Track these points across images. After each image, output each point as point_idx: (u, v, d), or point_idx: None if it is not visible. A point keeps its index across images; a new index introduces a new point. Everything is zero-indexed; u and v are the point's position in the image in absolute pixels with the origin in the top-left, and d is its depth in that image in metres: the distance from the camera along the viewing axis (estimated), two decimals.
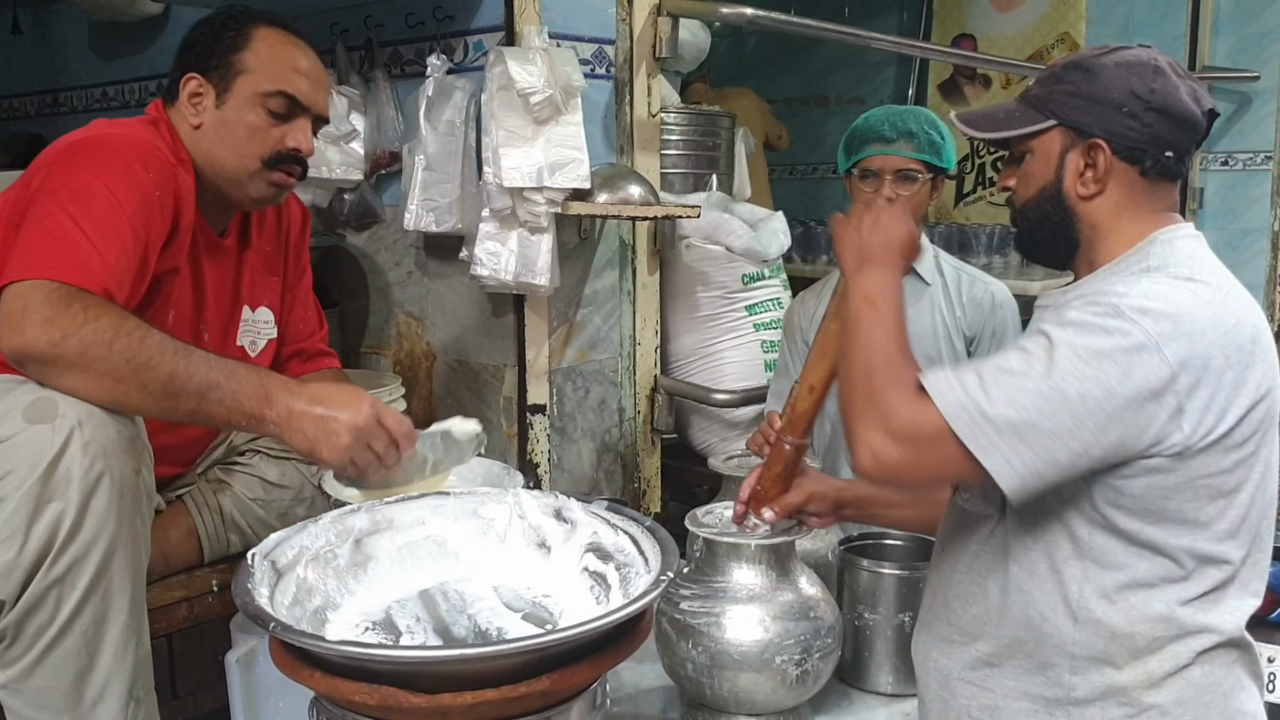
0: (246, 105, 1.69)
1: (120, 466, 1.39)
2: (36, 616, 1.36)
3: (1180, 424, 1.20)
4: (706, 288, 2.86)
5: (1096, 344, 1.19)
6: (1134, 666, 1.27)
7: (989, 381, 1.21)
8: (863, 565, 1.88)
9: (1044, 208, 1.37)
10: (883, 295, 1.34)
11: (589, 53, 2.51)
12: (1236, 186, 4.31)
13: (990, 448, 1.19)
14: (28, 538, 1.34)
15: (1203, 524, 1.24)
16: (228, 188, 1.73)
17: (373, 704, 1.08)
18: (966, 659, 1.37)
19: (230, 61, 1.69)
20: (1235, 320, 1.24)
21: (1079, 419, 1.18)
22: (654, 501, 2.81)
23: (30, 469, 1.34)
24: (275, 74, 1.70)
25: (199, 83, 1.69)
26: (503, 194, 2.25)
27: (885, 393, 1.24)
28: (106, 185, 1.51)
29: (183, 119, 1.71)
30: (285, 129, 1.71)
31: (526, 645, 1.08)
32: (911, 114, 2.18)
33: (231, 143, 1.69)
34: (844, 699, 1.88)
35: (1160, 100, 1.30)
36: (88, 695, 1.39)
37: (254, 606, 1.15)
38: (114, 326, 1.38)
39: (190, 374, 1.41)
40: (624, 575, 1.32)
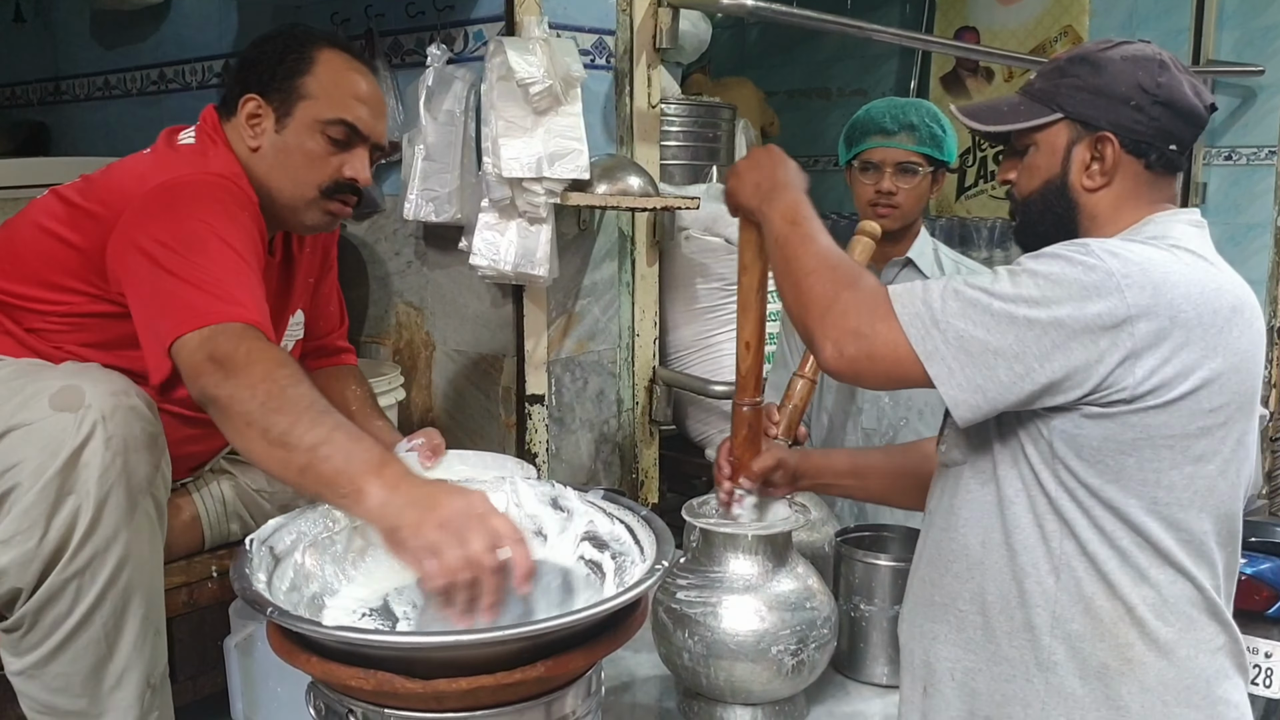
0: (307, 132, 1.65)
1: (141, 463, 1.40)
2: (55, 607, 1.37)
3: (1133, 370, 1.20)
4: (705, 279, 2.87)
5: (1058, 272, 1.22)
6: (1113, 634, 1.27)
7: (949, 295, 1.24)
8: (859, 557, 1.88)
9: (1048, 200, 1.38)
10: (800, 212, 1.39)
11: (589, 43, 2.51)
12: (1240, 181, 4.30)
13: (936, 355, 1.22)
14: (48, 529, 1.35)
15: (1164, 487, 1.25)
16: (282, 213, 1.71)
17: (369, 689, 1.09)
18: (950, 620, 1.38)
19: (293, 86, 1.65)
20: (1215, 286, 1.25)
21: (1024, 340, 1.20)
22: (651, 492, 2.82)
23: (51, 457, 1.35)
24: (337, 101, 1.66)
25: (258, 104, 1.66)
26: (502, 184, 2.25)
27: (841, 296, 1.28)
28: (218, 233, 1.46)
29: (239, 138, 1.68)
30: (344, 158, 1.67)
31: (522, 632, 1.09)
32: (913, 106, 2.17)
33: (290, 169, 1.66)
34: (840, 690, 1.89)
35: (1166, 94, 1.32)
36: (106, 682, 1.41)
37: (252, 592, 1.16)
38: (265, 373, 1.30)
39: (312, 426, 1.26)
40: (620, 564, 1.33)
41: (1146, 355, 1.20)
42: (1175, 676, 1.27)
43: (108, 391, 1.39)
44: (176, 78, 3.32)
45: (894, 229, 2.17)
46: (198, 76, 3.24)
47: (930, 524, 1.45)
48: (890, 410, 2.22)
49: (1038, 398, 1.23)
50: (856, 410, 2.25)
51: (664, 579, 1.64)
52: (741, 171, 1.51)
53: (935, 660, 1.40)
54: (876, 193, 2.15)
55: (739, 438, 1.67)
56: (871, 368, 1.27)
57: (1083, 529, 1.26)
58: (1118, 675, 1.27)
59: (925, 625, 1.42)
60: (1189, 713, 1.27)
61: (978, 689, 1.35)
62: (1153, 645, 1.27)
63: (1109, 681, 1.27)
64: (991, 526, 1.33)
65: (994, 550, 1.33)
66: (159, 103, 3.36)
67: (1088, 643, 1.28)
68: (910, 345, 1.23)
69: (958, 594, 1.37)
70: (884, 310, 1.26)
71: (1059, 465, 1.26)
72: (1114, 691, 1.27)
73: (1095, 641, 1.27)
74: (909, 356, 1.24)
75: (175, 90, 3.32)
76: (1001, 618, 1.33)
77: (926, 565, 1.44)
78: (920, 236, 2.22)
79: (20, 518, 1.35)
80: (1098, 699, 1.27)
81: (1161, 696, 1.27)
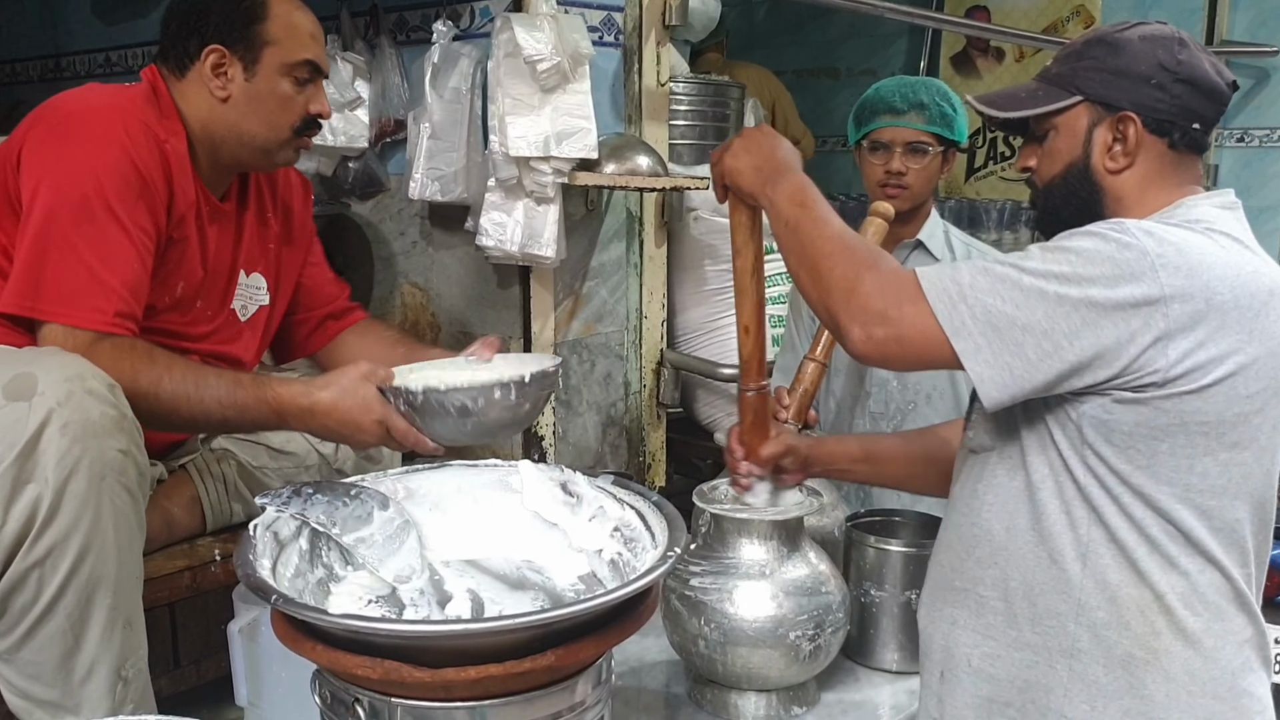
0: (276, 76, 1.69)
1: (102, 448, 1.37)
2: (20, 595, 1.35)
3: (1166, 352, 1.18)
4: (714, 261, 2.84)
5: (1091, 248, 1.20)
6: (1139, 622, 1.25)
7: (978, 273, 1.22)
8: (870, 542, 1.86)
9: (1071, 184, 1.36)
10: (807, 194, 1.36)
11: (597, 20, 2.48)
12: (1252, 163, 4.26)
13: (963, 331, 1.20)
14: (6, 519, 1.33)
15: (1198, 474, 1.23)
16: (254, 155, 1.74)
17: (375, 678, 1.07)
18: (970, 606, 1.37)
19: (255, 33, 1.67)
20: (1252, 269, 1.23)
21: (1053, 317, 1.18)
22: (659, 475, 2.80)
23: (8, 448, 1.33)
24: (299, 42, 1.70)
25: (222, 54, 1.67)
26: (509, 163, 2.23)
27: (864, 278, 1.25)
28: (109, 198, 1.53)
29: (198, 91, 1.68)
30: (309, 94, 1.73)
31: (531, 620, 1.07)
32: (923, 85, 2.14)
33: (264, 114, 1.70)
34: (850, 675, 1.87)
35: (1188, 72, 1.30)
36: (75, 674, 1.39)
37: (256, 579, 1.14)
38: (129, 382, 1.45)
39: (208, 415, 1.52)
40: (631, 550, 1.31)
41: (1180, 338, 1.18)
42: (1201, 667, 1.25)
43: (61, 377, 1.36)
44: None
45: (904, 209, 2.13)
46: None
47: (953, 509, 1.43)
48: (898, 394, 2.19)
49: (1065, 379, 1.21)
50: (864, 394, 2.23)
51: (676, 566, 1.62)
52: (738, 154, 1.46)
53: (954, 645, 1.38)
54: (886, 173, 2.11)
55: (745, 423, 1.66)
56: (900, 350, 1.25)
57: (1111, 516, 1.24)
58: (1143, 664, 1.25)
59: (945, 610, 1.40)
60: (1213, 704, 1.25)
61: (997, 675, 1.33)
62: (1179, 635, 1.25)
63: (1133, 670, 1.25)
64: (1018, 512, 1.31)
65: (1019, 536, 1.31)
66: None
67: (1113, 630, 1.26)
68: (938, 324, 1.21)
69: (979, 579, 1.35)
70: (910, 292, 1.23)
71: (1089, 451, 1.24)
72: (1138, 680, 1.25)
73: (1121, 629, 1.25)
74: (937, 336, 1.21)
75: None
76: (1024, 604, 1.31)
77: (947, 551, 1.42)
78: (930, 218, 2.19)
79: None
80: (1121, 687, 1.26)
81: (1186, 687, 1.25)
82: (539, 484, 1.43)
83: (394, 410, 1.49)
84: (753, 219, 1.54)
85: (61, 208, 1.51)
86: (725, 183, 1.50)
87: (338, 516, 1.30)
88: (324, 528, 1.28)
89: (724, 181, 1.50)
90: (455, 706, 1.09)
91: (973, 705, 1.36)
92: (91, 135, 1.56)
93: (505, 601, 1.28)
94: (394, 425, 1.49)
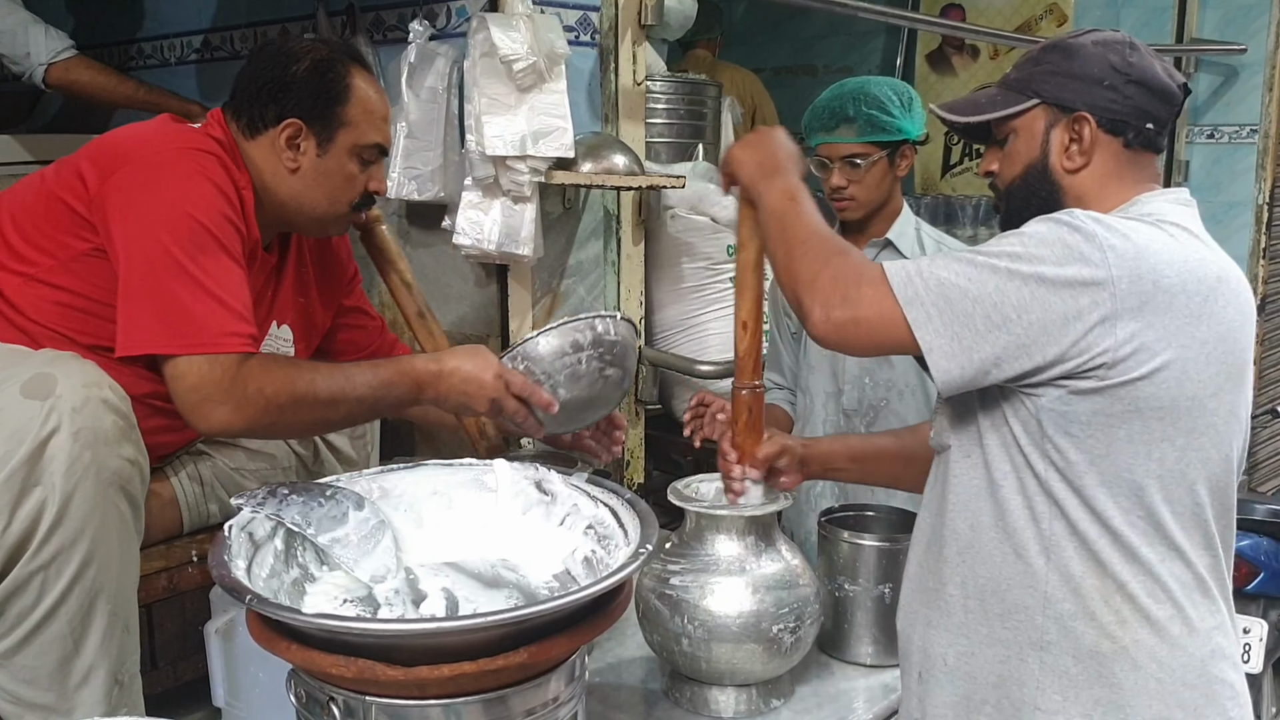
0: (346, 156, 1.71)
1: (110, 456, 1.38)
2: (20, 600, 1.35)
3: (1114, 331, 1.21)
4: (691, 259, 2.85)
5: (1043, 231, 1.25)
6: (1105, 612, 1.28)
7: (937, 255, 1.30)
8: (843, 537, 1.88)
9: (1031, 184, 1.40)
10: (799, 192, 1.46)
11: (573, 19, 2.48)
12: (1222, 160, 4.30)
13: (916, 301, 1.25)
14: (11, 520, 1.33)
15: (1156, 459, 1.25)
16: (306, 224, 1.77)
17: (350, 676, 1.08)
18: (942, 605, 1.39)
19: (334, 114, 1.69)
20: (1199, 257, 1.27)
21: (1004, 290, 1.23)
22: (637, 472, 2.81)
23: (17, 445, 1.33)
24: (373, 126, 1.73)
25: (298, 129, 1.68)
26: (486, 162, 2.23)
27: (831, 262, 1.32)
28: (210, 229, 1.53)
29: (267, 156, 1.69)
30: (370, 173, 1.76)
31: (504, 618, 1.09)
32: (850, 96, 2.13)
33: (328, 189, 1.72)
34: (824, 670, 1.89)
35: (1139, 73, 1.35)
36: (72, 678, 1.39)
37: (230, 579, 1.15)
38: (288, 390, 1.51)
39: (361, 401, 1.59)
40: (604, 548, 1.32)
41: (1127, 319, 1.21)
42: (1168, 655, 1.28)
43: (80, 383, 1.37)
44: (155, 53, 3.27)
45: (857, 218, 2.17)
46: (176, 52, 3.19)
47: (924, 510, 1.45)
48: (870, 391, 2.21)
49: (1013, 356, 1.24)
50: (837, 391, 2.25)
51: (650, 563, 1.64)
52: (744, 147, 1.56)
53: (930, 646, 1.40)
54: (830, 188, 2.15)
55: (739, 424, 1.66)
56: (857, 331, 1.29)
57: (1073, 509, 1.27)
58: (1111, 654, 1.27)
59: (920, 611, 1.42)
60: (1183, 691, 1.28)
61: (973, 672, 1.35)
62: (1145, 623, 1.27)
63: (1102, 660, 1.28)
64: (981, 510, 1.33)
65: (984, 533, 1.33)
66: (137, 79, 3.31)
67: (1080, 622, 1.28)
68: (895, 301, 1.25)
69: (949, 578, 1.37)
70: (871, 276, 1.28)
71: (1048, 445, 1.27)
72: (1107, 669, 1.27)
73: (1087, 620, 1.28)
74: (893, 315, 1.26)
75: (154, 66, 3.27)
76: (993, 600, 1.33)
77: (920, 551, 1.44)
78: (901, 216, 2.20)
79: None
80: (1091, 677, 1.28)
81: (1155, 675, 1.27)
82: (513, 482, 1.45)
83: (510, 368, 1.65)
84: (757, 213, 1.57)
85: (175, 244, 1.50)
86: (729, 172, 1.58)
87: (313, 517, 1.30)
88: (299, 528, 1.29)
89: (728, 170, 1.58)
90: (429, 704, 1.10)
91: (952, 704, 1.38)
92: (188, 173, 1.56)
93: (480, 600, 1.29)
94: (512, 379, 1.64)
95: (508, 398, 1.64)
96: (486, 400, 1.63)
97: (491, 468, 1.47)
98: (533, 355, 1.67)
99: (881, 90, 2.14)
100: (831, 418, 2.25)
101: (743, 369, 1.64)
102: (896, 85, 2.17)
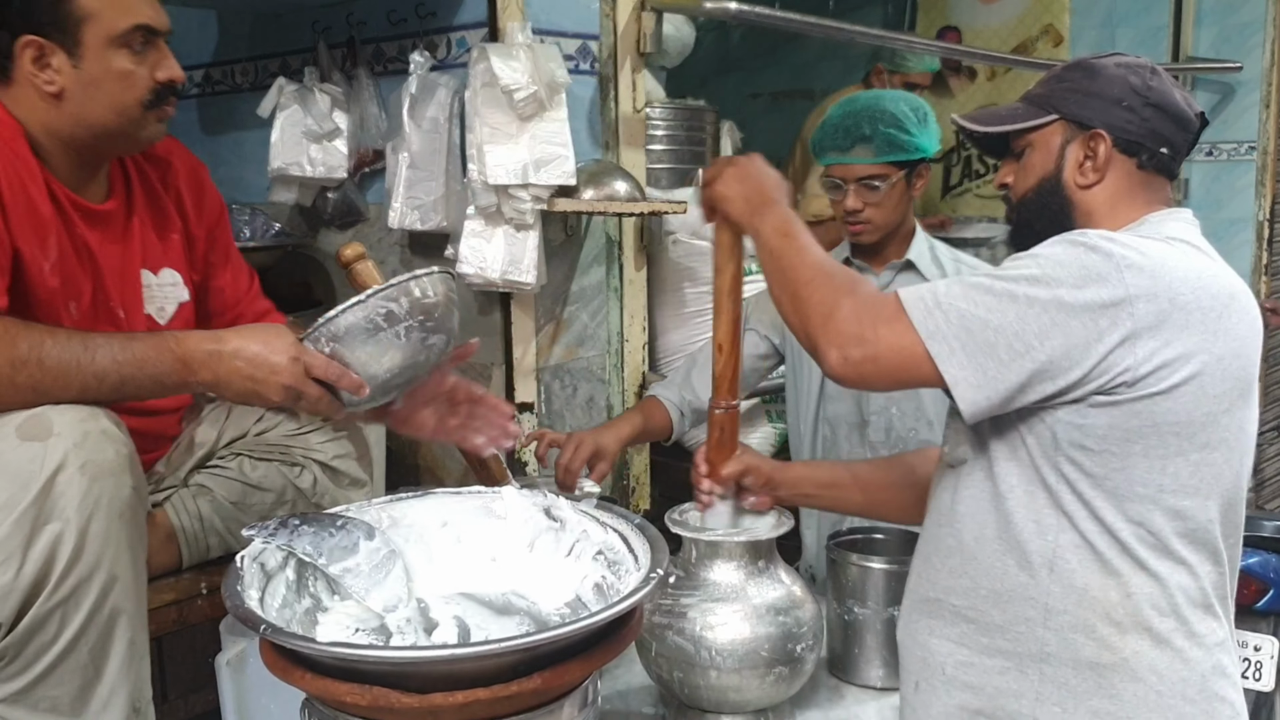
0: (107, 53, 1.51)
1: (118, 486, 1.38)
2: (39, 637, 1.34)
3: (1134, 350, 1.22)
4: (694, 283, 2.86)
5: (1059, 254, 1.26)
6: (1107, 625, 1.28)
7: (954, 284, 1.29)
8: (852, 560, 1.88)
9: (1043, 197, 1.43)
10: (792, 225, 1.45)
11: (573, 48, 2.50)
12: (1221, 177, 4.33)
13: (938, 335, 1.25)
14: (25, 560, 1.31)
15: (1170, 475, 1.26)
16: (113, 141, 1.59)
17: (364, 704, 1.07)
18: (944, 616, 1.39)
19: (67, 12, 1.48)
20: (1211, 273, 1.29)
21: (1024, 318, 1.23)
22: (643, 499, 2.81)
23: (23, 489, 1.31)
24: (122, 8, 1.51)
25: (40, 45, 1.49)
26: (488, 191, 2.25)
27: (842, 303, 1.30)
28: None
29: (28, 93, 1.52)
30: (152, 61, 1.56)
31: (517, 644, 1.08)
32: (867, 115, 2.05)
33: (106, 98, 1.53)
34: (834, 693, 1.89)
35: (1158, 97, 1.38)
36: (92, 705, 1.38)
37: (244, 609, 1.15)
38: (6, 354, 1.34)
39: (101, 378, 1.38)
40: (614, 573, 1.32)
41: (1147, 337, 1.22)
42: (1169, 668, 1.28)
43: (76, 418, 1.36)
44: None
45: (872, 242, 2.10)
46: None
47: (929, 522, 1.45)
48: (898, 421, 2.15)
49: (1038, 381, 1.24)
50: (863, 422, 2.18)
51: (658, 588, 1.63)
52: (729, 182, 1.54)
53: (930, 655, 1.40)
54: (844, 210, 2.07)
55: (711, 440, 1.69)
56: (876, 370, 1.29)
57: (1082, 520, 1.27)
58: (1111, 666, 1.27)
59: (921, 621, 1.42)
60: (1182, 705, 1.28)
61: (972, 682, 1.35)
62: (1146, 636, 1.27)
63: (1102, 672, 1.28)
64: (986, 521, 1.34)
65: (987, 544, 1.33)
66: None
67: (1080, 634, 1.28)
68: (915, 334, 1.25)
69: (951, 589, 1.37)
70: (887, 312, 1.28)
71: (1061, 458, 1.27)
72: (1107, 681, 1.28)
73: (1087, 633, 1.28)
74: (913, 352, 1.26)
75: None
76: (995, 611, 1.33)
77: (923, 563, 1.44)
78: (916, 237, 2.16)
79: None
80: (1091, 689, 1.28)
81: (1155, 687, 1.27)
82: (522, 509, 1.45)
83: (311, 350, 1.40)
84: (734, 240, 1.59)
85: None
86: (713, 206, 1.57)
87: (324, 547, 1.31)
88: (310, 558, 1.29)
89: (712, 205, 1.57)
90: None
91: (948, 713, 1.38)
92: None
93: (491, 627, 1.30)
94: (312, 361, 1.39)
95: (308, 384, 1.41)
96: (280, 388, 1.40)
97: (500, 495, 1.47)
98: (340, 334, 1.40)
99: (897, 107, 2.07)
100: (856, 450, 2.19)
101: (718, 388, 1.66)
102: (911, 100, 2.11)
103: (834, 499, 1.77)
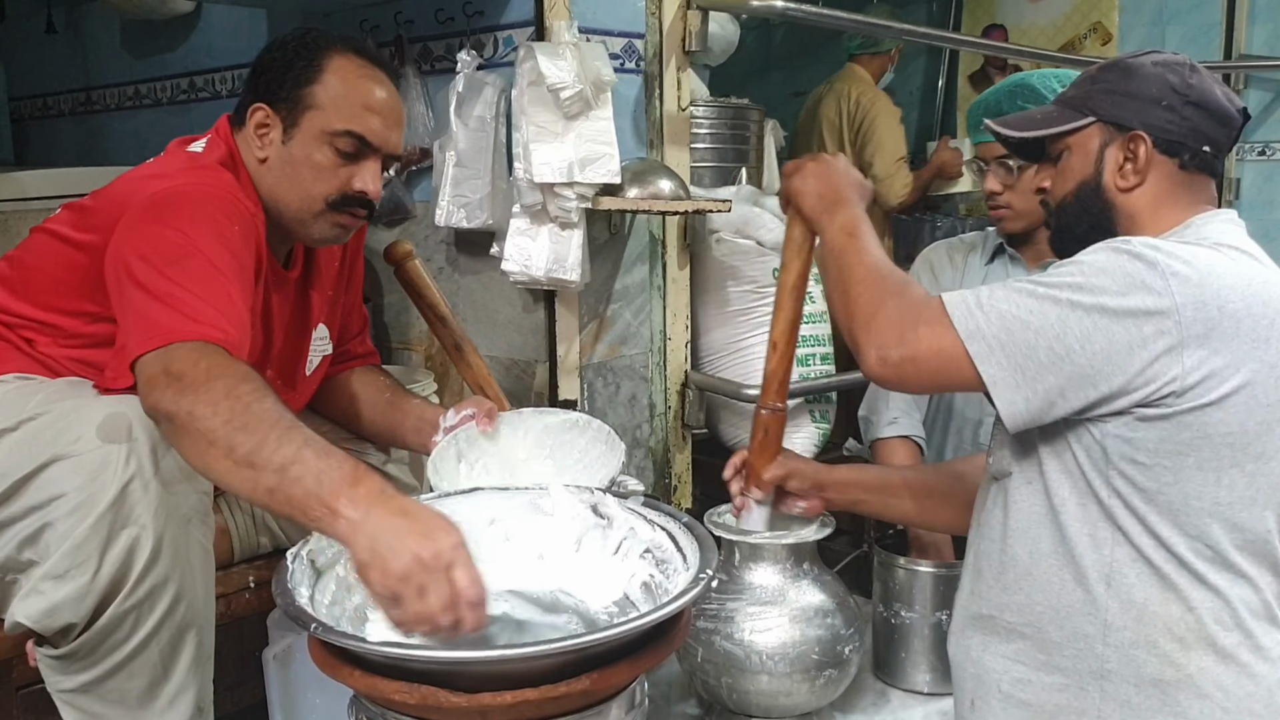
0: (314, 143, 1.59)
1: (190, 492, 1.39)
2: (113, 637, 1.36)
3: (1181, 359, 1.19)
4: (737, 282, 2.85)
5: (1104, 261, 1.23)
6: (1170, 640, 1.25)
7: (997, 287, 1.27)
8: (899, 563, 1.86)
9: (1083, 201, 1.39)
10: (858, 226, 1.45)
11: (619, 47, 2.50)
12: (1274, 177, 4.23)
13: (978, 335, 1.23)
14: (101, 564, 1.33)
15: (1225, 487, 1.23)
16: (291, 225, 1.65)
17: (413, 703, 1.08)
18: (999, 632, 1.37)
19: (300, 95, 1.58)
20: (1263, 280, 1.25)
21: (1066, 321, 1.21)
22: (685, 497, 2.80)
23: (102, 490, 1.33)
24: (346, 111, 1.59)
25: (266, 114, 1.60)
26: (533, 189, 2.25)
27: (886, 303, 1.30)
28: (199, 247, 1.40)
29: (249, 149, 1.62)
30: (353, 170, 1.61)
31: (567, 646, 1.08)
32: (1008, 91, 1.90)
33: (295, 181, 1.60)
34: (881, 697, 1.87)
35: (1198, 95, 1.34)
36: (159, 702, 1.40)
37: (295, 607, 1.16)
38: (227, 389, 1.23)
39: (280, 444, 1.18)
40: (663, 572, 1.32)
41: (1194, 346, 1.19)
42: (1235, 682, 1.25)
43: (153, 423, 1.36)
44: (206, 86, 3.33)
45: (1016, 230, 1.96)
46: (227, 85, 3.25)
47: (978, 536, 1.43)
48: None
49: (1078, 386, 1.22)
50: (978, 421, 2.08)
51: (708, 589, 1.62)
52: (806, 177, 1.54)
53: (985, 673, 1.38)
54: (986, 193, 1.96)
55: (754, 442, 1.65)
56: (915, 370, 1.28)
57: (1137, 535, 1.25)
58: (1174, 682, 1.25)
59: (975, 638, 1.40)
60: None
61: (1029, 700, 1.33)
62: (1211, 651, 1.24)
63: (1165, 689, 1.25)
64: (1040, 536, 1.31)
65: (1042, 560, 1.31)
66: (189, 112, 3.38)
67: (1141, 650, 1.26)
68: (956, 335, 1.24)
69: (1006, 605, 1.35)
70: (930, 315, 1.27)
71: (1113, 472, 1.25)
72: (1171, 698, 1.25)
73: (1149, 649, 1.25)
74: (953, 353, 1.24)
75: (205, 99, 3.33)
76: (1052, 627, 1.31)
77: (974, 578, 1.42)
78: None
79: (72, 553, 1.32)
80: (1154, 706, 1.25)
81: (1222, 704, 1.24)
82: (570, 506, 1.44)
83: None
84: (805, 237, 1.58)
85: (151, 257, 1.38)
86: (789, 199, 1.58)
87: None
88: None
89: (788, 198, 1.58)
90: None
91: None
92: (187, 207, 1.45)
93: (539, 625, 1.30)
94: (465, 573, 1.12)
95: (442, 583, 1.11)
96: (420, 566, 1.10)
97: (548, 492, 1.47)
98: None
99: (1045, 82, 1.89)
100: (968, 449, 2.10)
101: (767, 388, 1.63)
102: (1064, 76, 1.91)
103: (884, 504, 1.73)
